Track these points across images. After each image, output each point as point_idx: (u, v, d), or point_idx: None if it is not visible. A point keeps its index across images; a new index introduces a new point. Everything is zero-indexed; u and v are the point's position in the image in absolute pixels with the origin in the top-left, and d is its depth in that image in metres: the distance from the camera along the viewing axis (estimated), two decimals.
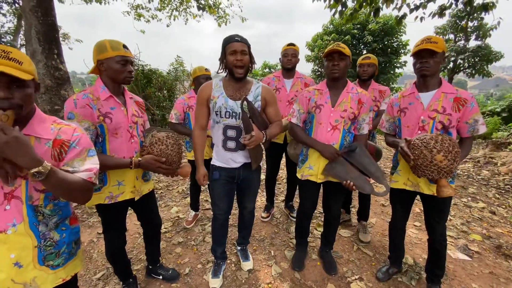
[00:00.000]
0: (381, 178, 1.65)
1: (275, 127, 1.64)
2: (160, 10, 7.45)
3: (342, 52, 1.60)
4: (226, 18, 7.32)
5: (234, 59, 1.44)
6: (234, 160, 1.64)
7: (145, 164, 1.40)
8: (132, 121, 1.45)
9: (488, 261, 2.21)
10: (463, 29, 14.63)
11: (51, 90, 4.23)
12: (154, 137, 1.44)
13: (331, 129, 1.70)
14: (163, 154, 1.41)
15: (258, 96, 1.58)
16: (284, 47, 2.42)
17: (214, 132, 1.64)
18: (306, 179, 1.84)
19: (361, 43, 14.66)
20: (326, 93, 1.73)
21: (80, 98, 1.28)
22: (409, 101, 1.64)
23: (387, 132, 1.83)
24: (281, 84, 2.45)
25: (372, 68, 2.28)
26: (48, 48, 4.16)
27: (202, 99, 1.59)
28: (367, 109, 1.71)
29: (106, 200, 1.43)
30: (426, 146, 1.38)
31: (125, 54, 1.35)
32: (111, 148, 1.39)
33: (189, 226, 2.59)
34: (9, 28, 12.55)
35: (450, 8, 4.04)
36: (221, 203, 1.74)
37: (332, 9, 3.85)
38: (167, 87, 6.75)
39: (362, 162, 1.67)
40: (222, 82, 1.58)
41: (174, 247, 2.28)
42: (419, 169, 1.43)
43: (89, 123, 1.29)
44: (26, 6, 3.97)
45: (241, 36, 1.46)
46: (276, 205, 3.00)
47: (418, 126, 1.59)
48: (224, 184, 1.70)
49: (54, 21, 4.25)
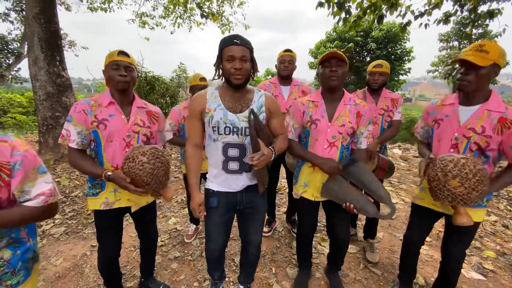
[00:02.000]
0: (385, 198, 1.45)
1: (281, 141, 1.41)
2: (165, 18, 7.52)
3: (341, 58, 1.44)
4: (230, 25, 7.34)
5: (231, 67, 1.20)
6: (237, 184, 1.38)
7: (114, 180, 1.29)
8: (133, 130, 1.41)
9: (504, 280, 2.07)
10: (467, 36, 14.57)
11: (52, 96, 4.21)
12: (132, 151, 1.29)
13: (328, 146, 1.53)
14: (131, 173, 1.23)
15: (262, 106, 1.34)
16: (280, 53, 2.31)
17: (210, 151, 1.37)
18: (302, 197, 1.67)
19: (364, 50, 14.66)
20: (321, 105, 1.56)
21: (80, 103, 1.35)
22: (447, 112, 1.44)
23: (421, 139, 1.67)
24: (278, 91, 2.32)
25: (384, 77, 2.09)
26: (51, 55, 4.16)
27: (195, 112, 1.33)
28: (366, 121, 1.55)
29: (102, 206, 1.41)
30: (442, 168, 1.24)
31: (117, 58, 1.34)
32: (107, 155, 1.38)
33: (189, 240, 2.47)
34: (16, 35, 12.79)
35: (455, 15, 3.98)
36: (217, 237, 1.47)
37: (336, 17, 3.80)
38: (170, 94, 6.75)
39: (363, 180, 1.48)
40: (218, 92, 1.33)
41: (170, 262, 2.17)
42: (433, 192, 1.31)
43: (82, 127, 1.33)
44: (29, 13, 3.98)
45: (242, 38, 1.21)
46: (278, 217, 2.88)
47: (451, 143, 1.40)
48: (223, 213, 1.42)
49: (57, 28, 4.26)
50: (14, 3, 11.42)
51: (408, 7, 3.77)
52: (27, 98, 10.26)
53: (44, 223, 2.68)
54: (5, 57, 13.30)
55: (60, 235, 2.51)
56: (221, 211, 1.41)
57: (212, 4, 6.92)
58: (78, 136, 1.33)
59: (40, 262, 1.05)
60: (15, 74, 13.95)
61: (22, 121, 8.63)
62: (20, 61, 13.39)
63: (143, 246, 1.76)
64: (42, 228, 2.60)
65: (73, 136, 1.32)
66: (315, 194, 1.62)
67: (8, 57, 13.38)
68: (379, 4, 3.65)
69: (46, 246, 2.37)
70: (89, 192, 1.46)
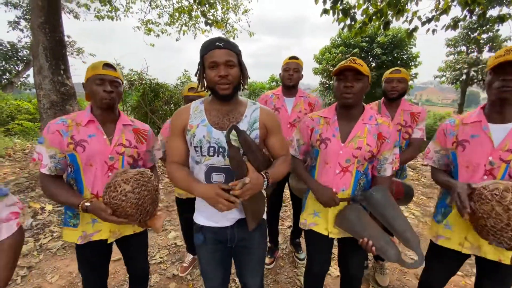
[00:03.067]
0: (412, 242, 1.17)
1: (281, 164, 1.16)
2: (170, 25, 7.59)
3: (359, 70, 1.20)
4: (234, 33, 7.36)
5: (216, 75, 1.01)
6: (224, 216, 1.14)
7: (93, 211, 1.13)
8: (116, 151, 1.25)
9: None
10: (476, 41, 14.35)
11: (56, 105, 4.20)
12: (114, 177, 1.13)
13: (341, 171, 1.29)
14: (113, 204, 1.08)
15: (255, 122, 1.12)
16: (285, 60, 2.11)
17: (194, 175, 1.15)
18: (312, 230, 1.41)
19: (370, 55, 14.54)
20: (334, 123, 1.33)
21: (53, 123, 1.20)
22: (472, 132, 1.22)
23: (435, 166, 1.40)
24: (281, 103, 2.10)
25: (403, 84, 1.84)
26: (55, 64, 4.17)
27: (176, 129, 1.13)
28: (390, 145, 1.28)
29: (79, 240, 1.24)
30: (499, 201, 0.99)
31: (102, 72, 1.18)
32: (87, 180, 1.22)
33: (183, 274, 2.16)
34: (25, 43, 13.08)
35: (464, 20, 3.89)
36: (212, 275, 1.24)
37: (341, 23, 3.73)
38: (174, 100, 6.75)
39: (386, 215, 1.21)
40: (203, 105, 1.14)
41: (168, 282, 2.08)
42: (489, 232, 1.04)
43: (56, 150, 1.18)
44: (34, 22, 4.01)
45: (226, 40, 1.03)
46: (281, 232, 2.76)
47: (484, 170, 1.17)
48: (213, 251, 1.20)
49: (61, 38, 4.28)
50: (24, 11, 11.70)
51: (415, 12, 3.69)
52: (34, 105, 10.41)
53: (42, 236, 2.63)
54: (15, 64, 13.63)
55: (57, 250, 2.44)
56: (210, 248, 1.19)
57: (217, 12, 6.95)
58: (51, 161, 1.18)
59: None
60: (23, 81, 14.25)
61: (28, 127, 8.73)
62: (29, 68, 13.69)
63: (132, 282, 1.58)
64: (40, 242, 2.54)
65: (45, 161, 1.17)
66: (329, 229, 1.34)
67: (18, 64, 13.70)
68: (385, 10, 3.57)
69: (42, 261, 2.30)
70: (68, 221, 1.28)
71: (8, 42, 13.04)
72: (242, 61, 1.08)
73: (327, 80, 14.93)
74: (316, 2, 3.40)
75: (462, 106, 17.62)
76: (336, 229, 1.34)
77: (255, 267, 1.26)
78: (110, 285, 2.02)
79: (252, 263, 1.25)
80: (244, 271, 1.27)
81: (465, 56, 15.44)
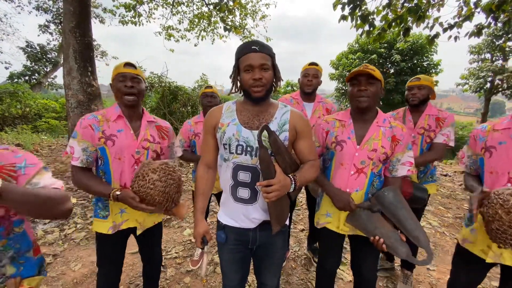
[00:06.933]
0: (422, 241, 1.21)
1: (309, 169, 1.15)
2: (189, 31, 7.84)
3: (372, 75, 1.24)
4: (251, 38, 7.50)
5: (250, 77, 1.04)
6: (247, 216, 1.14)
7: (123, 200, 1.20)
8: (142, 146, 1.34)
9: None
10: (501, 48, 13.77)
11: (82, 104, 4.46)
12: (142, 168, 1.20)
13: (356, 173, 1.33)
14: (142, 192, 1.16)
15: (285, 124, 1.12)
16: (305, 66, 2.15)
17: (222, 173, 1.18)
18: (325, 227, 1.47)
19: (388, 62, 14.29)
20: (349, 125, 1.37)
21: (86, 118, 1.29)
22: (500, 138, 1.22)
23: (467, 171, 1.41)
24: (301, 107, 2.13)
25: (424, 90, 1.87)
26: (83, 66, 4.43)
27: (208, 127, 1.18)
28: (403, 147, 1.32)
29: (110, 230, 1.33)
30: (503, 204, 1.03)
31: (123, 70, 1.29)
32: (115, 173, 1.31)
33: (195, 267, 2.25)
34: (54, 45, 13.87)
35: (488, 28, 3.77)
36: (231, 275, 1.25)
37: (359, 29, 3.73)
38: (191, 103, 6.95)
39: (397, 215, 1.24)
40: (235, 105, 1.18)
41: (183, 276, 2.15)
42: (492, 234, 1.09)
43: (88, 143, 1.26)
44: (66, 27, 4.29)
45: (261, 43, 1.06)
46: (294, 235, 2.78)
47: (508, 177, 1.17)
48: (234, 251, 1.21)
49: (90, 41, 4.56)
50: (53, 15, 12.45)
51: (437, 19, 3.62)
52: (61, 104, 11.00)
53: (67, 227, 2.79)
54: (44, 65, 14.49)
55: (80, 240, 2.59)
56: (231, 248, 1.21)
57: (235, 17, 7.12)
58: (83, 154, 1.25)
59: (44, 277, 1.02)
60: (51, 81, 15.09)
61: (54, 125, 9.24)
62: (56, 69, 14.52)
63: (146, 272, 1.66)
64: (65, 232, 2.70)
65: (77, 154, 1.24)
66: (340, 226, 1.42)
67: (46, 66, 14.55)
68: (405, 17, 3.54)
69: (67, 250, 2.44)
70: (98, 213, 1.35)
71: (38, 44, 13.92)
72: (275, 64, 1.11)
73: (343, 85, 14.79)
74: (335, 8, 3.41)
75: (486, 116, 16.85)
76: (346, 226, 1.39)
77: (274, 269, 1.28)
78: (128, 275, 2.12)
79: (272, 266, 1.27)
80: (263, 272, 1.28)
81: (489, 63, 14.84)
